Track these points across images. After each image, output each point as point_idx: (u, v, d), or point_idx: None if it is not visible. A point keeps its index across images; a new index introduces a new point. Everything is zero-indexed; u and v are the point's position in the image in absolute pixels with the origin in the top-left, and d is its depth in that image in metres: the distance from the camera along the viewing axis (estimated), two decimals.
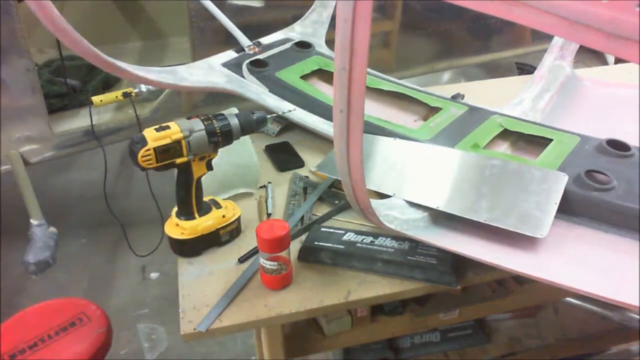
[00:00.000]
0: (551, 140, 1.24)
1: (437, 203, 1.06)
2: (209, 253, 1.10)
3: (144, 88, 1.83)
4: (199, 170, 1.05)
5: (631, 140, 1.19)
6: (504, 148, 1.31)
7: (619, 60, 2.28)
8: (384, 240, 1.06)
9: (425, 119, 1.43)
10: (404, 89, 1.50)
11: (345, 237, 1.08)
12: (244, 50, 1.62)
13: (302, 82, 1.49)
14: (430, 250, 1.03)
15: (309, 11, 1.81)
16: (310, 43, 1.68)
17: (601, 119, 1.38)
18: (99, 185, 1.50)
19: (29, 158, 2.10)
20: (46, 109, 2.03)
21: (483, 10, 0.60)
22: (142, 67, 1.39)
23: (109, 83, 2.46)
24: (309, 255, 1.06)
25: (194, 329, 0.93)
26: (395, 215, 1.04)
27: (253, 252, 1.08)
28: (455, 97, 1.51)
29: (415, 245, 1.04)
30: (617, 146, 1.17)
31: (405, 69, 2.62)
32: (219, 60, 1.57)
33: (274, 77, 1.49)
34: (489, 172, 1.11)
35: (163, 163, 1.00)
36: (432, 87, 1.63)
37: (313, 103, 1.41)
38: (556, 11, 0.55)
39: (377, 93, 1.52)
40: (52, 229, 2.21)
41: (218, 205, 1.11)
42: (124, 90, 1.51)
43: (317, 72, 1.59)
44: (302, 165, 1.36)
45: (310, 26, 1.78)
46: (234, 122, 1.05)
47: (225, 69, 1.53)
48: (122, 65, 1.30)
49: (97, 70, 2.36)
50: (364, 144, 0.75)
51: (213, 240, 1.09)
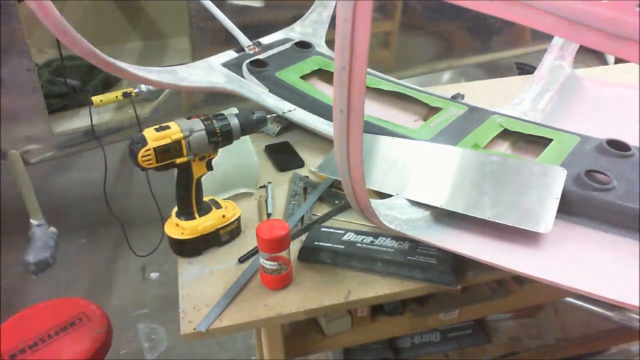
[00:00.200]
0: (551, 140, 1.24)
1: (439, 201, 1.06)
2: (209, 253, 1.10)
3: (144, 88, 1.83)
4: (199, 170, 1.05)
5: (631, 140, 1.19)
6: (504, 148, 1.31)
7: (619, 60, 2.28)
8: (384, 240, 1.06)
9: (425, 119, 1.43)
10: (404, 89, 1.50)
11: (345, 237, 1.08)
12: (244, 50, 1.62)
13: (302, 82, 1.49)
14: (430, 250, 1.03)
15: (309, 11, 1.81)
16: (310, 43, 1.68)
17: (601, 119, 1.38)
18: (99, 185, 1.49)
19: (29, 158, 2.10)
20: (46, 109, 2.03)
21: (483, 10, 0.60)
22: (142, 67, 1.39)
23: (109, 83, 2.46)
24: (309, 255, 1.06)
25: (194, 329, 0.93)
26: (395, 215, 1.04)
27: (253, 252, 1.08)
28: (455, 97, 1.51)
29: (415, 245, 1.04)
30: (617, 146, 1.17)
31: (405, 69, 2.62)
32: (219, 60, 1.57)
33: (274, 77, 1.49)
34: (489, 169, 1.11)
35: (163, 163, 1.00)
36: (432, 87, 1.63)
37: (313, 103, 1.41)
38: (556, 11, 0.55)
39: (377, 93, 1.52)
40: (52, 229, 2.21)
41: (218, 205, 1.11)
42: (124, 90, 1.51)
43: (317, 72, 1.59)
44: (302, 165, 1.36)
45: (310, 26, 1.78)
46: (234, 122, 1.05)
47: (225, 69, 1.53)
48: (122, 65, 1.30)
49: (97, 70, 2.36)
50: (364, 144, 0.75)
51: (213, 240, 1.09)
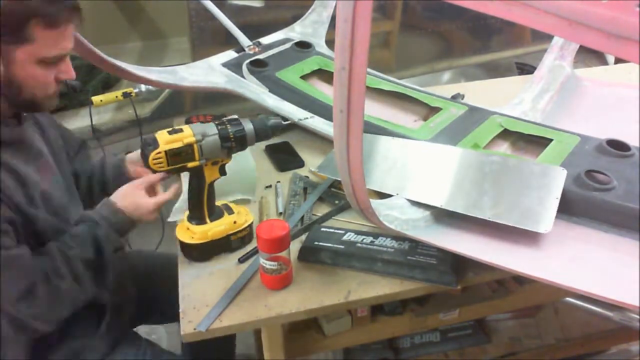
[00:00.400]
0: (551, 140, 1.24)
1: (439, 201, 1.06)
2: None
3: (144, 88, 1.83)
4: (212, 175, 1.04)
5: (631, 140, 1.19)
6: (504, 148, 1.31)
7: (619, 60, 2.28)
8: (384, 240, 1.06)
9: (425, 119, 1.43)
10: (404, 89, 1.50)
11: (345, 237, 1.08)
12: (244, 50, 1.62)
13: (302, 82, 1.49)
14: (430, 250, 1.03)
15: (309, 11, 1.81)
16: (310, 43, 1.68)
17: (601, 119, 1.38)
18: None
19: None
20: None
21: (483, 10, 0.60)
22: (142, 67, 1.39)
23: (109, 83, 2.45)
24: (309, 255, 1.06)
25: (194, 329, 0.93)
26: (395, 215, 1.04)
27: (253, 252, 1.08)
28: (455, 97, 1.51)
29: (415, 245, 1.04)
30: (617, 146, 1.17)
31: (405, 69, 2.61)
32: (219, 60, 1.57)
33: (274, 77, 1.49)
34: (489, 169, 1.11)
35: (174, 167, 0.99)
36: (432, 87, 1.63)
37: (313, 103, 1.41)
38: (556, 11, 0.55)
39: (377, 93, 1.52)
40: None
41: (230, 211, 1.09)
42: (124, 90, 1.51)
43: (317, 72, 1.59)
44: (302, 165, 1.36)
45: (310, 26, 1.78)
46: (249, 128, 1.03)
47: (225, 69, 1.53)
48: (122, 65, 1.30)
49: (97, 70, 2.36)
50: (364, 144, 0.75)
51: (224, 246, 1.08)
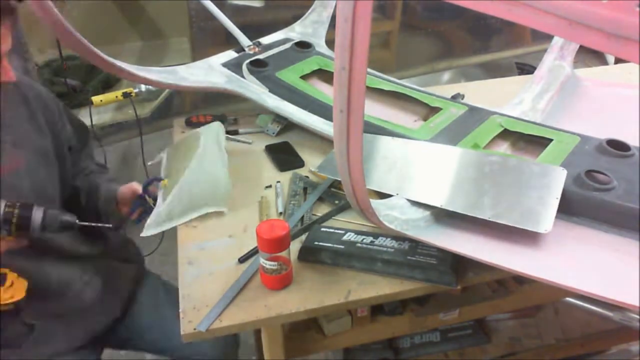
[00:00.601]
0: (551, 140, 1.24)
1: (439, 201, 1.06)
2: (209, 253, 1.10)
3: (144, 88, 1.83)
4: None
5: (631, 140, 1.19)
6: (504, 148, 1.31)
7: (619, 60, 2.28)
8: (384, 240, 1.06)
9: (425, 119, 1.43)
10: (404, 89, 1.50)
11: (345, 237, 1.08)
12: (244, 50, 1.62)
13: (302, 82, 1.49)
14: (430, 250, 1.03)
15: (309, 11, 1.81)
16: (310, 43, 1.68)
17: (601, 119, 1.38)
18: None
19: None
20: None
21: (483, 10, 0.60)
22: (142, 67, 1.39)
23: (109, 83, 2.46)
24: (309, 255, 1.06)
25: (194, 329, 0.93)
26: (395, 215, 1.04)
27: (253, 252, 1.08)
28: (455, 97, 1.51)
29: (415, 245, 1.04)
30: (617, 146, 1.17)
31: (405, 69, 2.61)
32: (219, 60, 1.57)
33: (274, 77, 1.49)
34: (489, 169, 1.11)
35: None
36: (432, 87, 1.63)
37: (313, 103, 1.41)
38: (556, 11, 0.55)
39: (377, 93, 1.52)
40: None
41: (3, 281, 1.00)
42: (124, 90, 1.51)
43: (317, 72, 1.59)
44: (302, 165, 1.36)
45: (310, 26, 1.78)
46: (37, 217, 0.96)
47: (225, 69, 1.53)
48: (122, 65, 1.30)
49: (97, 70, 2.36)
50: (364, 144, 0.75)
51: None
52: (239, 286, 1.01)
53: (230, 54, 1.60)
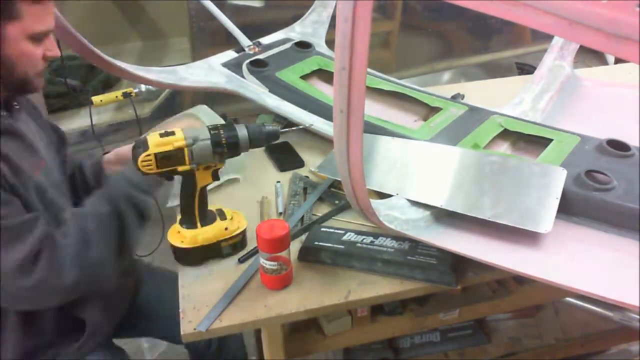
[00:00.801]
0: (551, 140, 1.24)
1: (439, 201, 1.06)
2: None
3: (143, 88, 1.83)
4: (204, 179, 1.02)
5: (631, 140, 1.19)
6: (504, 148, 1.31)
7: (619, 60, 2.28)
8: (384, 240, 1.06)
9: (425, 119, 1.43)
10: (404, 89, 1.50)
11: (345, 237, 1.08)
12: (244, 50, 1.62)
13: (302, 82, 1.49)
14: (430, 250, 1.03)
15: (309, 11, 1.81)
16: (310, 43, 1.68)
17: (601, 119, 1.38)
18: None
19: None
20: (46, 109, 2.03)
21: (483, 10, 0.60)
22: (142, 67, 1.39)
23: (109, 83, 2.46)
24: (309, 255, 1.06)
25: (194, 329, 0.93)
26: (395, 215, 1.04)
27: (253, 252, 1.08)
28: (455, 97, 1.51)
29: (415, 245, 1.04)
30: (617, 146, 1.17)
31: (405, 69, 2.61)
32: (219, 60, 1.57)
33: (274, 77, 1.49)
34: (489, 169, 1.11)
35: (163, 170, 0.97)
36: (432, 87, 1.63)
37: (313, 103, 1.41)
38: (556, 11, 0.55)
39: (377, 93, 1.52)
40: None
41: (223, 216, 1.08)
42: (124, 90, 1.51)
43: (317, 72, 1.59)
44: (302, 165, 1.35)
45: (310, 26, 1.78)
46: (243, 134, 1.00)
47: (225, 69, 1.53)
48: (122, 65, 1.30)
49: (97, 70, 2.36)
50: (364, 144, 0.75)
51: (214, 252, 1.06)
52: (239, 286, 1.01)
53: (230, 54, 1.60)
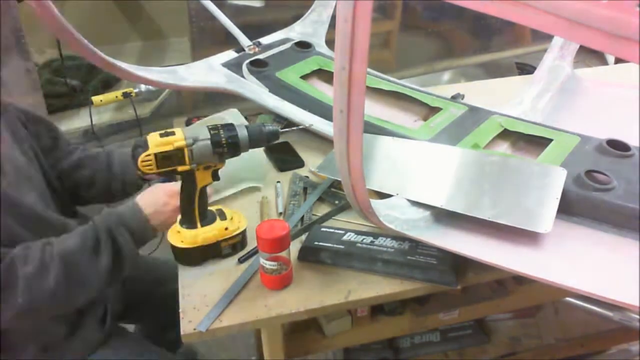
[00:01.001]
0: (551, 140, 1.24)
1: (439, 201, 1.06)
2: None
3: (143, 88, 1.83)
4: (203, 179, 1.02)
5: (631, 140, 1.19)
6: (504, 148, 1.31)
7: (619, 60, 2.28)
8: (384, 240, 1.06)
9: (425, 119, 1.43)
10: (404, 89, 1.50)
11: (345, 237, 1.08)
12: (244, 50, 1.62)
13: (302, 82, 1.49)
14: (430, 250, 1.03)
15: (309, 11, 1.81)
16: (310, 43, 1.68)
17: (601, 119, 1.38)
18: None
19: None
20: (46, 109, 2.03)
21: (483, 10, 0.60)
22: (142, 67, 1.39)
23: (109, 83, 2.46)
24: (309, 255, 1.06)
25: (194, 329, 0.93)
26: (395, 215, 1.04)
27: (253, 252, 1.08)
28: (455, 97, 1.51)
29: (415, 245, 1.04)
30: (617, 146, 1.17)
31: (405, 69, 2.61)
32: (219, 60, 1.57)
33: (274, 77, 1.49)
34: (489, 169, 1.11)
35: (164, 170, 0.97)
36: (432, 87, 1.63)
37: (313, 103, 1.41)
38: (556, 11, 0.55)
39: (377, 93, 1.52)
40: None
41: (223, 216, 1.08)
42: (124, 90, 1.51)
43: (317, 72, 1.59)
44: (302, 165, 1.35)
45: (310, 26, 1.78)
46: (243, 134, 1.00)
47: (225, 69, 1.53)
48: (122, 65, 1.30)
49: (97, 70, 2.36)
50: (364, 144, 0.75)
51: (214, 252, 1.06)
52: (239, 286, 1.01)
53: (230, 54, 1.60)
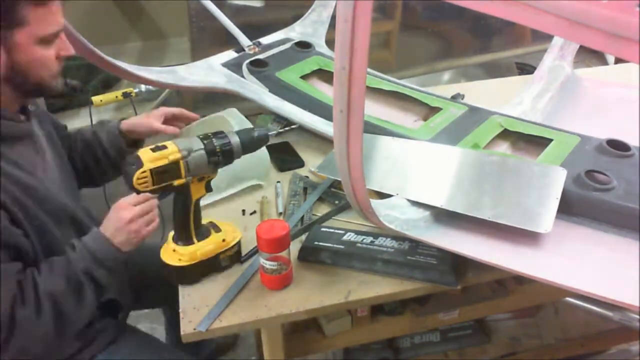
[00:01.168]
0: (551, 140, 1.24)
1: (439, 201, 1.06)
2: None
3: (144, 88, 1.83)
4: (198, 191, 0.99)
5: (631, 140, 1.19)
6: (504, 148, 1.31)
7: (619, 60, 2.28)
8: (384, 240, 1.06)
9: (425, 119, 1.43)
10: (404, 89, 1.50)
11: (345, 237, 1.08)
12: (244, 50, 1.62)
13: (302, 82, 1.49)
14: (431, 250, 1.03)
15: (309, 11, 1.81)
16: (310, 43, 1.68)
17: (601, 119, 1.38)
18: None
19: None
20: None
21: (483, 10, 0.60)
22: (142, 67, 1.39)
23: (109, 83, 2.46)
24: (309, 255, 1.06)
25: (194, 329, 0.93)
26: (395, 215, 1.04)
27: (253, 252, 1.08)
28: (455, 97, 1.51)
29: (415, 245, 1.04)
30: (617, 146, 1.17)
31: (405, 69, 2.61)
32: (219, 60, 1.57)
33: (274, 77, 1.49)
34: (489, 169, 1.11)
35: (160, 185, 0.94)
36: (432, 87, 1.63)
37: (313, 103, 1.41)
38: (556, 11, 0.55)
39: (377, 93, 1.52)
40: None
41: (217, 229, 1.06)
42: (124, 90, 1.51)
43: (317, 72, 1.59)
44: (302, 165, 1.35)
45: (310, 26, 1.78)
46: (235, 141, 1.00)
47: (225, 69, 1.53)
48: (122, 65, 1.30)
49: (97, 70, 2.36)
50: (364, 144, 0.75)
51: (212, 266, 1.03)
52: (239, 286, 1.01)
53: (230, 54, 1.60)
